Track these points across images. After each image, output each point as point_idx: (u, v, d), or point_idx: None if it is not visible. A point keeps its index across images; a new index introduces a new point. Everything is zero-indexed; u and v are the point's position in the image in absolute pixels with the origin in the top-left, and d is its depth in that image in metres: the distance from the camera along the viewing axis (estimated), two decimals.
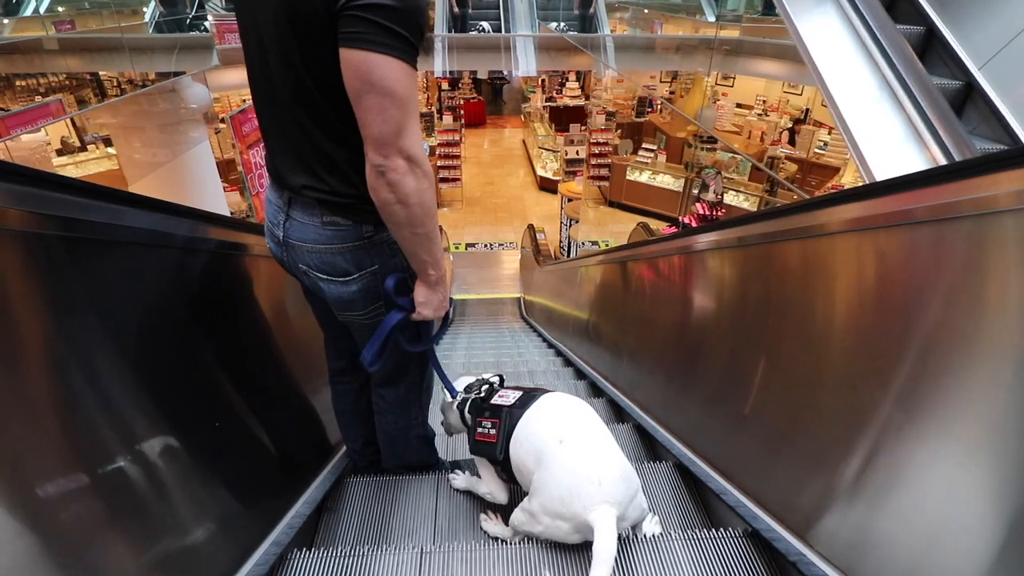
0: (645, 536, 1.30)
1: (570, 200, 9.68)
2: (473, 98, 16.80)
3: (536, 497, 1.17)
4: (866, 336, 0.97)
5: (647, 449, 2.12)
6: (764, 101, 14.00)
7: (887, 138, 1.43)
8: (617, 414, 2.58)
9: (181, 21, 6.49)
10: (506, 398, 1.37)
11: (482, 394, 1.43)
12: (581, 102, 14.93)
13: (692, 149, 10.35)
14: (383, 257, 1.16)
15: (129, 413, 0.92)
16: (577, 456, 1.16)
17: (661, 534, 1.32)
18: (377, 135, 0.90)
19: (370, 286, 1.17)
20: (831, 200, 1.02)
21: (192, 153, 4.65)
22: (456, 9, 8.78)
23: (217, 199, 4.77)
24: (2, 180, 0.68)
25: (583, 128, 11.30)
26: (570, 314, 4.46)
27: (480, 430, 1.35)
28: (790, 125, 11.58)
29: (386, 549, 1.29)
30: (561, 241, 9.75)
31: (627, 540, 1.26)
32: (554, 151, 12.42)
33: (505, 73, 17.79)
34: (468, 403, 1.45)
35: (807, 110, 13.20)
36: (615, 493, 1.11)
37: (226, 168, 10.70)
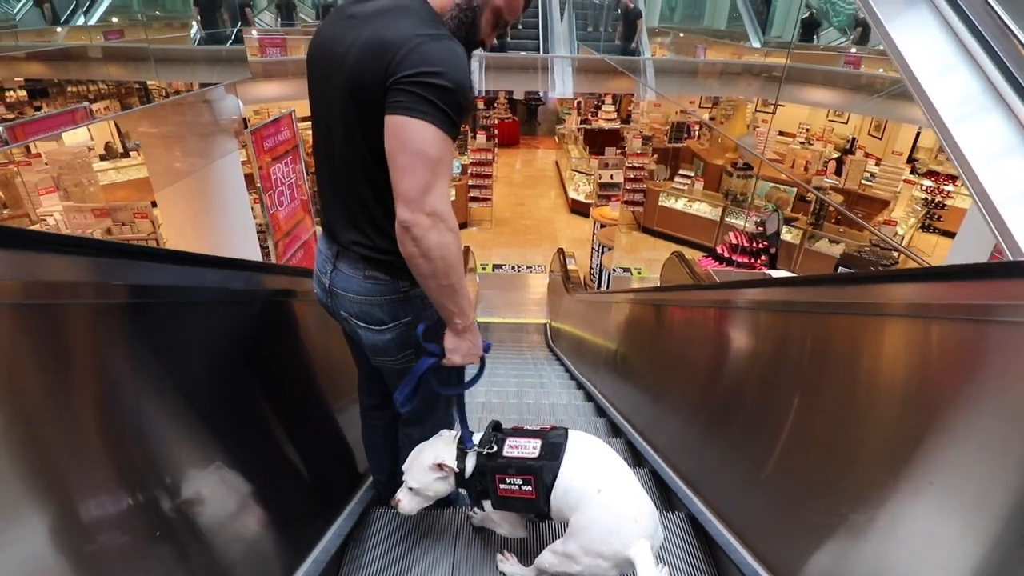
0: None
1: (603, 226, 9.33)
2: (508, 118, 16.78)
3: (575, 539, 1.24)
4: (904, 427, 0.94)
5: (662, 497, 2.10)
6: (807, 129, 13.60)
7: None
8: (635, 457, 2.52)
9: (219, 37, 6.57)
10: (524, 448, 1.34)
11: (493, 449, 1.37)
12: (617, 125, 14.73)
13: (731, 177, 9.95)
14: (416, 310, 1.28)
15: (196, 447, 1.05)
16: (614, 499, 1.24)
17: None
18: (405, 192, 0.99)
19: (402, 335, 1.29)
20: (895, 277, 0.98)
21: (220, 164, 4.57)
22: None
23: (243, 211, 4.68)
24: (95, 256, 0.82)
25: (618, 152, 11.05)
26: (597, 348, 4.20)
27: (505, 487, 1.33)
28: (837, 155, 11.13)
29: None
30: (592, 267, 9.43)
31: None
32: (587, 174, 12.20)
33: (541, 94, 17.77)
34: (474, 460, 1.39)
35: (853, 139, 12.74)
36: (648, 527, 1.22)
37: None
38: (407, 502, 1.40)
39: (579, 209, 12.33)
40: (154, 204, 6.34)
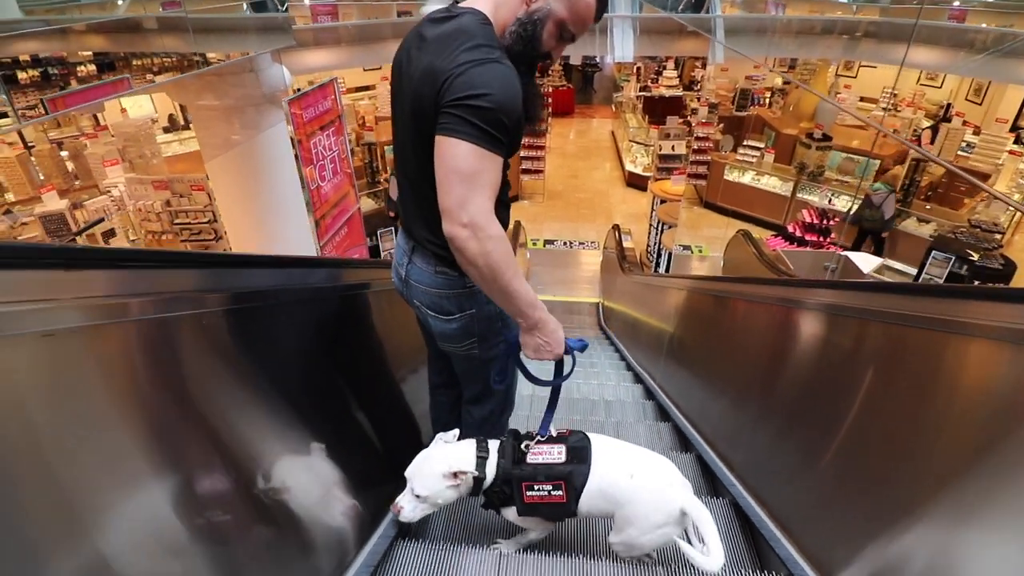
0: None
1: (663, 202, 8.67)
2: (562, 86, 16.13)
3: (632, 527, 1.35)
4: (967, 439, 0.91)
5: (708, 483, 2.19)
6: (893, 94, 12.32)
7: None
8: (682, 443, 2.58)
9: (266, 4, 6.43)
10: (549, 455, 1.38)
11: (515, 456, 1.40)
12: (679, 92, 13.84)
13: (809, 149, 9.08)
14: (479, 304, 1.38)
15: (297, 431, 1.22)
16: (647, 479, 1.36)
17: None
18: (444, 206, 1.07)
19: (467, 325, 1.40)
20: None
21: (268, 135, 4.45)
22: None
23: (292, 182, 4.55)
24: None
25: (681, 121, 10.34)
26: (653, 334, 3.88)
27: (533, 493, 1.36)
28: (929, 123, 10.02)
29: (469, 548, 1.56)
30: (649, 246, 8.90)
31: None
32: (646, 145, 11.54)
33: (598, 59, 16.95)
34: (495, 467, 1.41)
35: (948, 105, 11.43)
36: (681, 480, 1.38)
37: None
38: (409, 509, 1.35)
39: (636, 182, 11.74)
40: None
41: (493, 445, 1.41)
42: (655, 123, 11.42)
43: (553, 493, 1.34)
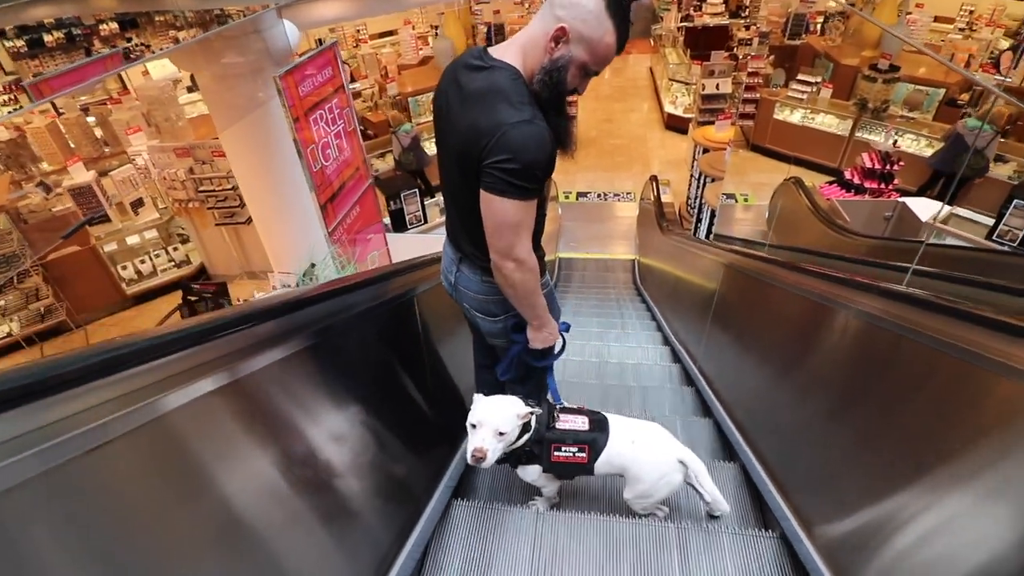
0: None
1: (706, 151, 7.94)
2: None
3: (640, 483, 1.69)
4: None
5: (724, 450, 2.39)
6: (970, 11, 10.91)
7: None
8: (704, 409, 2.76)
9: None
10: (574, 423, 1.70)
11: (549, 422, 1.71)
12: (725, 21, 12.65)
13: (874, 83, 8.16)
14: None
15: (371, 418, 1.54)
16: (647, 442, 1.71)
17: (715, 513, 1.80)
18: (494, 247, 1.36)
19: (509, 324, 1.66)
20: None
21: (276, 102, 4.18)
22: None
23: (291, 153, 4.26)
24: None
25: (727, 55, 9.44)
26: (692, 302, 3.61)
27: (561, 453, 1.67)
28: (1010, 43, 8.85)
29: (512, 507, 1.87)
30: (689, 199, 8.31)
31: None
32: (687, 83, 10.68)
33: None
34: (532, 428, 1.68)
35: None
36: (673, 439, 1.73)
37: None
38: (492, 450, 1.54)
39: (676, 125, 10.98)
40: None
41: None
42: (698, 58, 10.51)
43: (577, 455, 1.67)
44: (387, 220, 6.89)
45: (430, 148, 8.98)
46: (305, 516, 1.12)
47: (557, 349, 1.73)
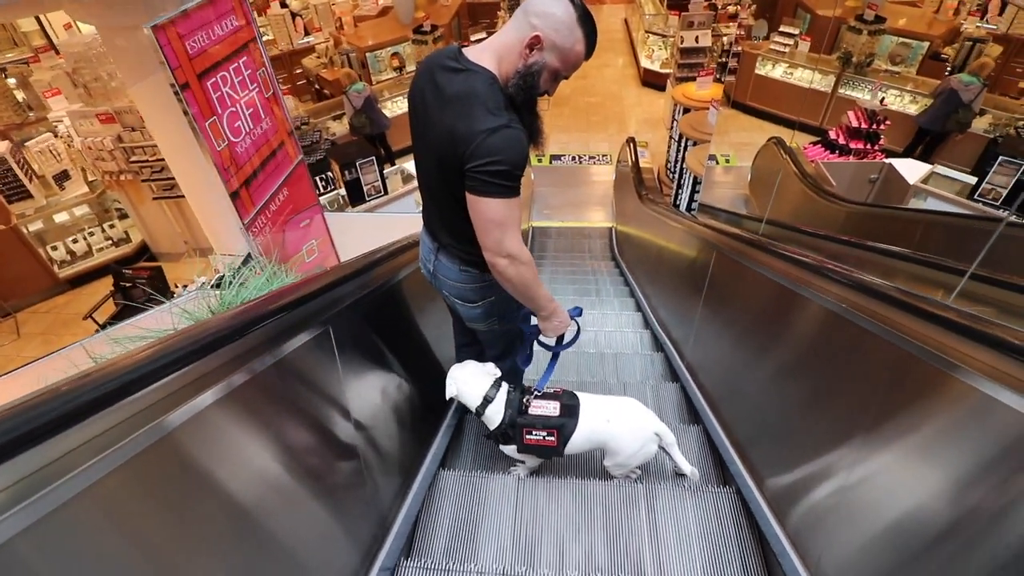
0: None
1: (686, 111, 7.45)
2: None
3: (620, 454, 1.86)
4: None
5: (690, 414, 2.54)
6: None
7: None
8: (672, 374, 2.93)
9: None
10: (546, 408, 1.83)
11: (520, 407, 1.85)
12: None
13: (859, 35, 7.75)
14: (497, 292, 1.68)
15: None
16: (623, 418, 1.85)
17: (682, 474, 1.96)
18: (485, 244, 1.43)
19: (489, 309, 1.77)
20: None
21: None
22: None
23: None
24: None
25: (706, 5, 8.91)
26: (665, 270, 3.46)
27: (532, 437, 1.83)
28: None
29: (494, 474, 2.07)
30: (668, 162, 7.92)
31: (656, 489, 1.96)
32: (664, 36, 10.16)
33: None
34: (506, 408, 1.86)
35: None
36: (647, 413, 1.88)
37: (288, 62, 9.66)
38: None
39: (653, 81, 10.54)
40: None
41: (504, 388, 1.86)
42: (675, 8, 9.94)
43: (547, 439, 1.81)
44: (343, 192, 6.33)
45: (391, 109, 8.34)
46: (315, 492, 1.24)
47: (571, 336, 1.82)
